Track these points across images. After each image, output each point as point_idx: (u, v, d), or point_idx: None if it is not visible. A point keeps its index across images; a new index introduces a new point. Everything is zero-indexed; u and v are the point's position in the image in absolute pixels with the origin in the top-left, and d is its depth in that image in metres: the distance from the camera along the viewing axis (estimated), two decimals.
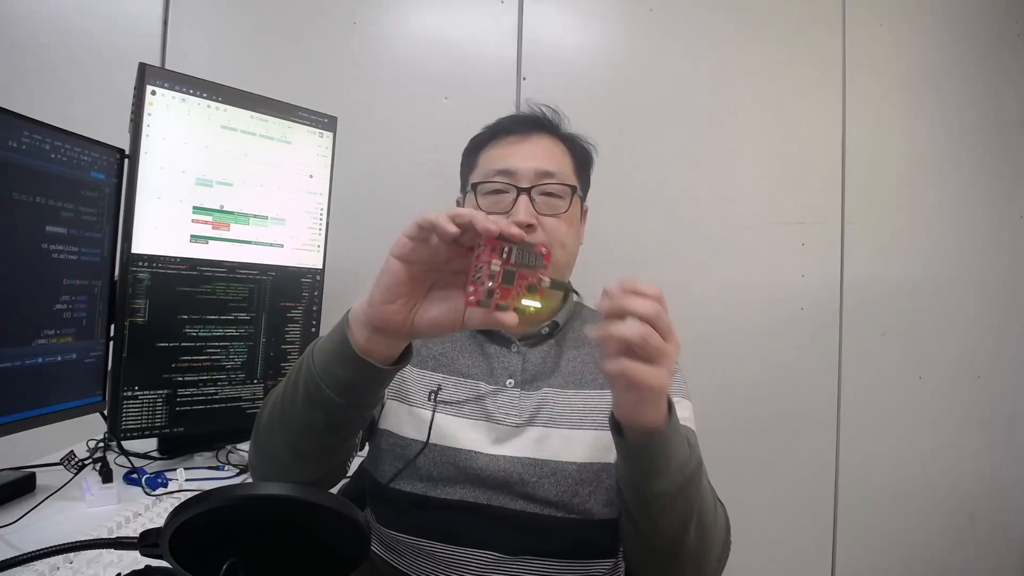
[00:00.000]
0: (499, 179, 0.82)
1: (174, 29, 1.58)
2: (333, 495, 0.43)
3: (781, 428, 1.78)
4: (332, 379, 0.57)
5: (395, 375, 0.60)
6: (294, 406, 0.61)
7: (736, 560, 0.73)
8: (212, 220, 1.10)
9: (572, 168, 0.87)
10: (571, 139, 0.89)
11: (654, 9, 1.75)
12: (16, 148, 0.81)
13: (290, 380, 0.63)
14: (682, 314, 1.42)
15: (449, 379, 0.82)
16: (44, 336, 0.88)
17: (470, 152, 0.90)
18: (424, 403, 0.80)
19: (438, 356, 0.84)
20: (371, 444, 0.85)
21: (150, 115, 1.01)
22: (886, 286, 1.82)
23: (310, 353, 0.60)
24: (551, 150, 0.85)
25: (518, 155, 0.83)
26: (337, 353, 0.57)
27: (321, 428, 0.61)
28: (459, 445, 0.78)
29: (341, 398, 0.58)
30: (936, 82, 1.85)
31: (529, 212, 0.79)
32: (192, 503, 0.40)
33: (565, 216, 0.82)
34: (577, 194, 0.85)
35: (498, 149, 0.85)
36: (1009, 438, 1.90)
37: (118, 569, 0.68)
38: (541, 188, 0.81)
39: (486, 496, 0.77)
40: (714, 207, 1.76)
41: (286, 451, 0.64)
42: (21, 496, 0.91)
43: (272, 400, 0.66)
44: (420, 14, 1.68)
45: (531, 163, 0.81)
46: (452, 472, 0.77)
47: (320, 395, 0.58)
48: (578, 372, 0.83)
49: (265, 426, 0.66)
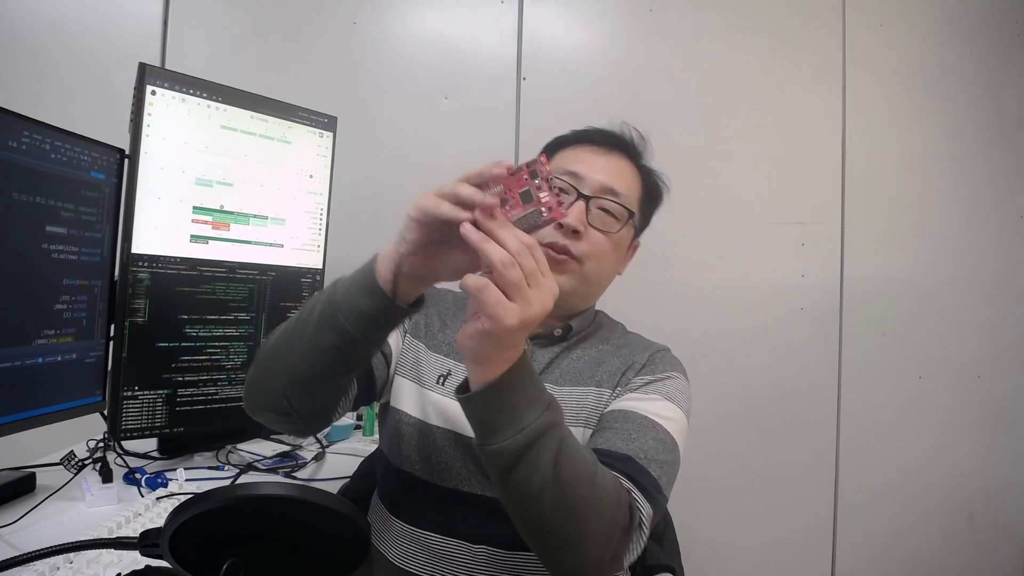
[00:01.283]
0: (565, 178, 0.81)
1: (174, 29, 1.58)
2: (333, 495, 0.43)
3: (781, 428, 1.78)
4: (350, 307, 0.60)
5: (400, 322, 0.64)
6: (304, 330, 0.63)
7: (736, 560, 0.73)
8: (212, 220, 1.10)
9: (638, 198, 0.87)
10: (648, 172, 0.90)
11: (654, 9, 1.75)
12: (16, 148, 0.81)
13: (305, 309, 0.66)
14: (682, 314, 1.43)
15: (459, 366, 0.82)
16: (44, 336, 0.88)
17: (550, 148, 0.90)
18: (434, 386, 0.82)
19: (452, 343, 0.84)
20: (384, 424, 0.87)
21: (150, 115, 1.01)
22: (886, 286, 1.82)
23: (334, 285, 0.63)
24: (625, 172, 0.85)
25: (592, 164, 0.83)
26: (361, 286, 0.60)
27: (323, 352, 0.62)
28: (460, 430, 0.78)
29: (353, 326, 0.60)
30: (936, 82, 1.85)
31: (580, 218, 0.78)
32: (192, 503, 0.40)
33: (614, 237, 0.82)
34: (633, 221, 0.84)
35: (576, 152, 0.86)
36: (1009, 438, 1.90)
37: (118, 569, 0.68)
38: (601, 202, 0.81)
39: (480, 487, 0.77)
40: (714, 207, 1.76)
41: (284, 373, 0.67)
42: (21, 496, 0.91)
43: (283, 327, 0.69)
44: (420, 14, 1.69)
45: (601, 176, 0.82)
46: (452, 455, 0.78)
47: (334, 321, 0.60)
48: (576, 370, 0.82)
49: (271, 347, 0.69)
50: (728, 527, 1.74)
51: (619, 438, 0.71)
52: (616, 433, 0.72)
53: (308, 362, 0.64)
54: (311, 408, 0.71)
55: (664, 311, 1.65)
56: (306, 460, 1.16)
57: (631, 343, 0.86)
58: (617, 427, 0.73)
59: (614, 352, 0.84)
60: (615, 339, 0.87)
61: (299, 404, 0.68)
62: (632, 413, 0.74)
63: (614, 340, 0.86)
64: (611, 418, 0.75)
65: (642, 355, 0.83)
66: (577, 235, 0.79)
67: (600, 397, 0.79)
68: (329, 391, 0.71)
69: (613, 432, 0.72)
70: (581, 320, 0.86)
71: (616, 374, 0.81)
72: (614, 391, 0.79)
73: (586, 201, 0.80)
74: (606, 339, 0.87)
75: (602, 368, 0.81)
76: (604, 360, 0.82)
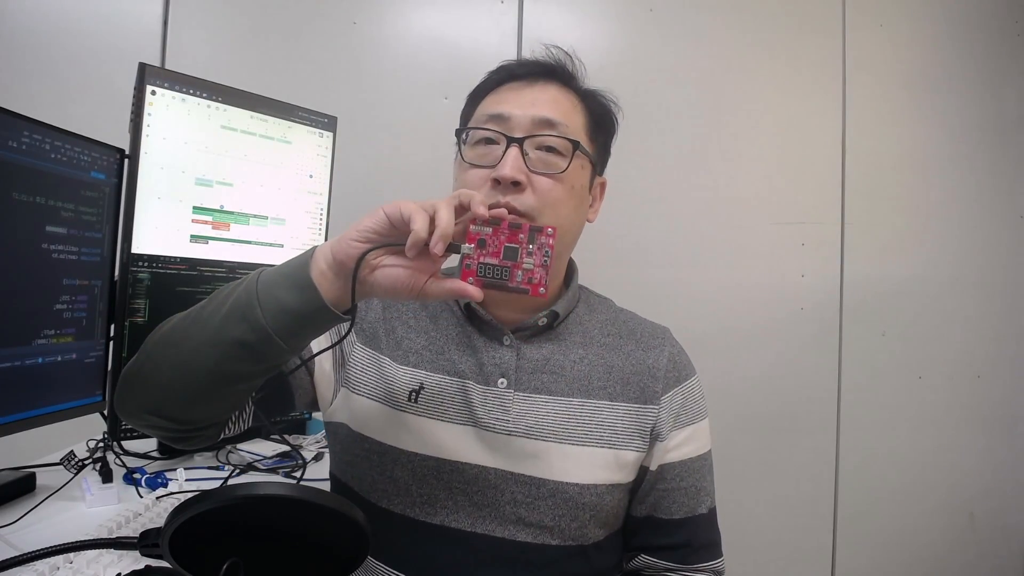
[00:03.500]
0: (490, 126, 0.69)
1: (174, 29, 1.58)
2: (333, 495, 0.43)
3: (781, 428, 1.78)
4: (271, 300, 0.53)
5: (327, 328, 0.58)
6: (210, 319, 0.56)
7: (736, 560, 0.73)
8: (212, 220, 1.10)
9: (584, 126, 0.73)
10: (588, 94, 0.76)
11: (654, 9, 1.75)
12: (16, 148, 0.81)
13: (218, 296, 0.58)
14: (682, 314, 1.43)
15: (432, 376, 0.71)
16: (44, 336, 0.88)
17: (471, 100, 0.78)
18: (406, 404, 0.70)
19: (421, 350, 0.73)
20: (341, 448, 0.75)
21: (150, 115, 1.01)
22: (886, 286, 1.82)
23: (257, 273, 0.56)
24: (558, 99, 0.72)
25: (517, 101, 0.70)
26: (288, 277, 0.54)
27: (228, 346, 0.55)
28: (443, 455, 0.69)
29: (270, 322, 0.53)
30: (936, 82, 1.85)
31: (517, 166, 0.66)
32: (192, 503, 0.40)
33: (563, 176, 0.68)
34: (583, 153, 0.71)
35: (498, 94, 0.73)
36: (1009, 438, 1.90)
37: (118, 569, 0.67)
38: (537, 140, 0.68)
39: (470, 521, 0.68)
40: (714, 207, 1.76)
41: (174, 367, 0.58)
42: (21, 496, 0.91)
43: (183, 313, 0.61)
44: (420, 14, 1.68)
45: (530, 110, 0.69)
46: (435, 487, 0.69)
47: (249, 312, 0.54)
48: (585, 378, 0.72)
49: (163, 334, 0.60)
50: (728, 527, 1.73)
51: (683, 509, 0.75)
52: (678, 505, 0.75)
53: (207, 356, 0.56)
54: (196, 416, 0.61)
55: (664, 311, 1.63)
56: (306, 460, 1.16)
57: (633, 333, 0.78)
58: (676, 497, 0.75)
59: (618, 348, 0.75)
60: (613, 328, 0.78)
61: (184, 408, 0.60)
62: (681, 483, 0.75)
63: (612, 330, 0.77)
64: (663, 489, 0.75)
65: (657, 357, 0.76)
66: (519, 187, 0.66)
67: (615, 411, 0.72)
68: (222, 397, 0.60)
69: (676, 505, 0.75)
70: (565, 302, 0.75)
71: (632, 380, 0.74)
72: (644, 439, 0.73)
73: (519, 144, 0.67)
74: (604, 328, 0.77)
75: (612, 376, 0.73)
76: (613, 365, 0.74)
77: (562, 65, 0.75)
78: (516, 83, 0.73)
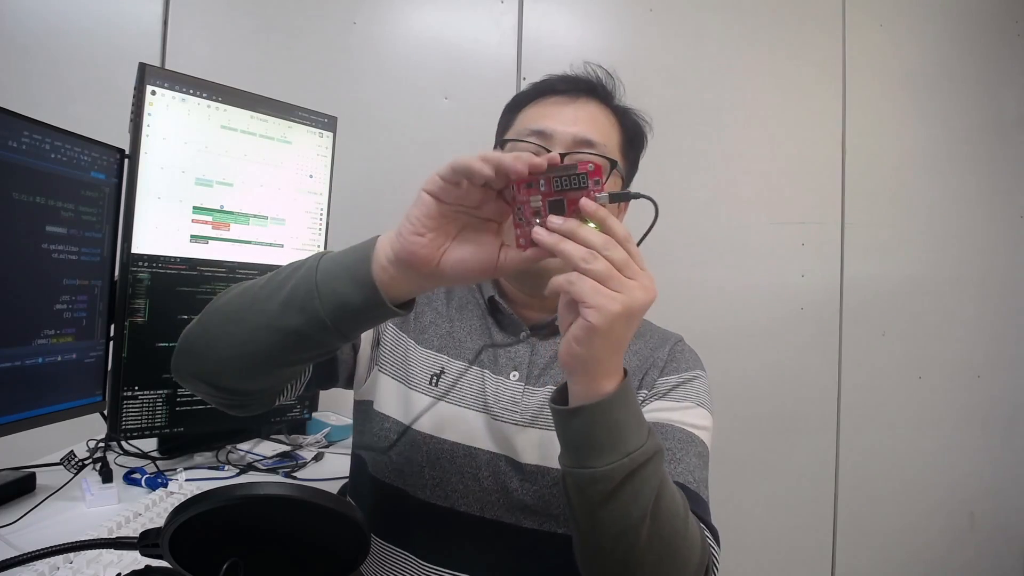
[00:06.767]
0: (532, 140, 0.73)
1: (174, 29, 1.58)
2: (333, 495, 0.43)
3: (781, 428, 1.78)
4: (329, 292, 0.52)
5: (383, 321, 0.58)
6: (269, 303, 0.55)
7: (736, 560, 0.73)
8: (212, 220, 1.10)
9: (619, 143, 0.77)
10: (624, 112, 0.80)
11: (654, 9, 1.75)
12: (16, 148, 0.81)
13: (277, 277, 0.58)
14: (682, 314, 1.43)
15: (453, 362, 0.75)
16: (44, 336, 0.88)
17: (511, 109, 0.81)
18: (426, 387, 0.74)
19: (444, 336, 0.77)
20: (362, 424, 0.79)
21: (150, 115, 1.01)
22: (886, 286, 1.82)
23: (316, 260, 0.55)
24: (597, 118, 0.75)
25: (559, 117, 0.74)
26: (349, 270, 0.53)
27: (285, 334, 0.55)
28: (458, 439, 0.72)
29: (329, 316, 0.52)
30: (936, 82, 1.85)
31: None
32: (192, 503, 0.40)
33: None
34: (617, 171, 0.75)
35: (539, 108, 0.77)
36: (1009, 438, 1.90)
37: (118, 569, 0.67)
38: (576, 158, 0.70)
39: (480, 507, 0.70)
40: (714, 207, 1.76)
41: (231, 344, 0.58)
42: (21, 496, 0.91)
43: (243, 287, 0.60)
44: (420, 14, 1.68)
45: (571, 128, 0.72)
46: (447, 471, 0.71)
47: (308, 303, 0.53)
48: None
49: (223, 308, 0.60)
50: (728, 526, 1.73)
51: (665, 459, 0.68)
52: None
53: (263, 340, 0.56)
54: (253, 388, 0.63)
55: (664, 311, 1.64)
56: (306, 460, 1.16)
57: (643, 333, 0.80)
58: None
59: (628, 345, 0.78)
60: None
61: (240, 382, 0.61)
62: (669, 427, 0.70)
63: None
64: None
65: (661, 350, 0.78)
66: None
67: None
68: (278, 374, 0.62)
69: None
70: None
71: (637, 373, 0.75)
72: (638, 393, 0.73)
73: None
74: None
75: None
76: None
77: (601, 83, 0.80)
78: (557, 98, 0.77)
